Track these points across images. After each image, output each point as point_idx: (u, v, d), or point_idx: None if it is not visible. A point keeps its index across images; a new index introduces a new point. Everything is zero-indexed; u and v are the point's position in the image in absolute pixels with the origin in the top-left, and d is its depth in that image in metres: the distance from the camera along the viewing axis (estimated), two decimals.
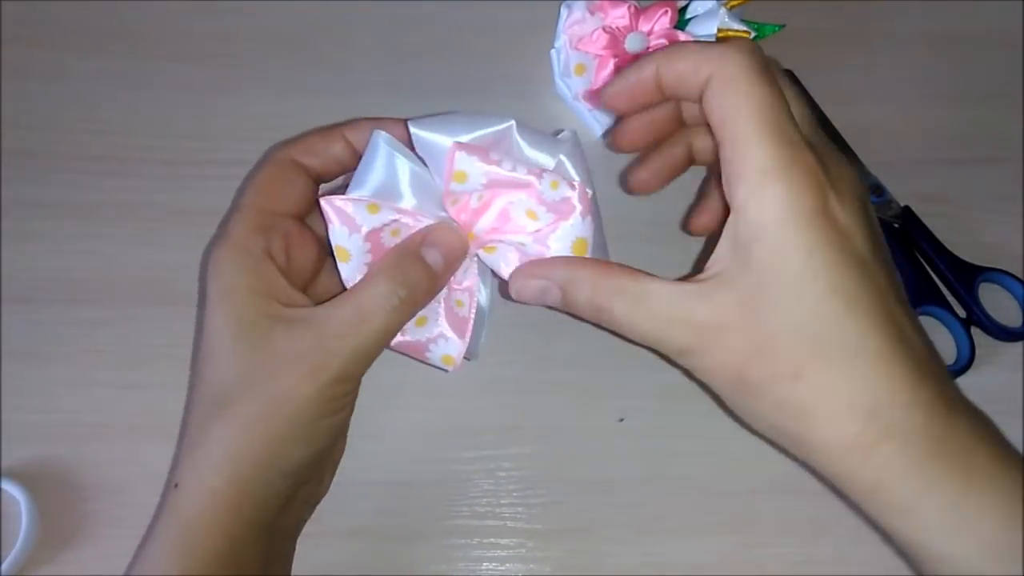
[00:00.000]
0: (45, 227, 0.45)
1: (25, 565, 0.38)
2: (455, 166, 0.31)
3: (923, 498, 0.27)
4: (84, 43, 0.50)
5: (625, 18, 0.44)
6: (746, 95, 0.27)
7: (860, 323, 0.27)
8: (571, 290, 0.31)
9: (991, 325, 0.43)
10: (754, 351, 0.27)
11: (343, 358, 0.30)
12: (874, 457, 0.27)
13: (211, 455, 0.31)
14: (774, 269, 0.26)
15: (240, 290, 0.31)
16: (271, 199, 0.33)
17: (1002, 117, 0.50)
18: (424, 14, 0.52)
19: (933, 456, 0.26)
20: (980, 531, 0.26)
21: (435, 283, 0.32)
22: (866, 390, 0.26)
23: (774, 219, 0.26)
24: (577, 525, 0.40)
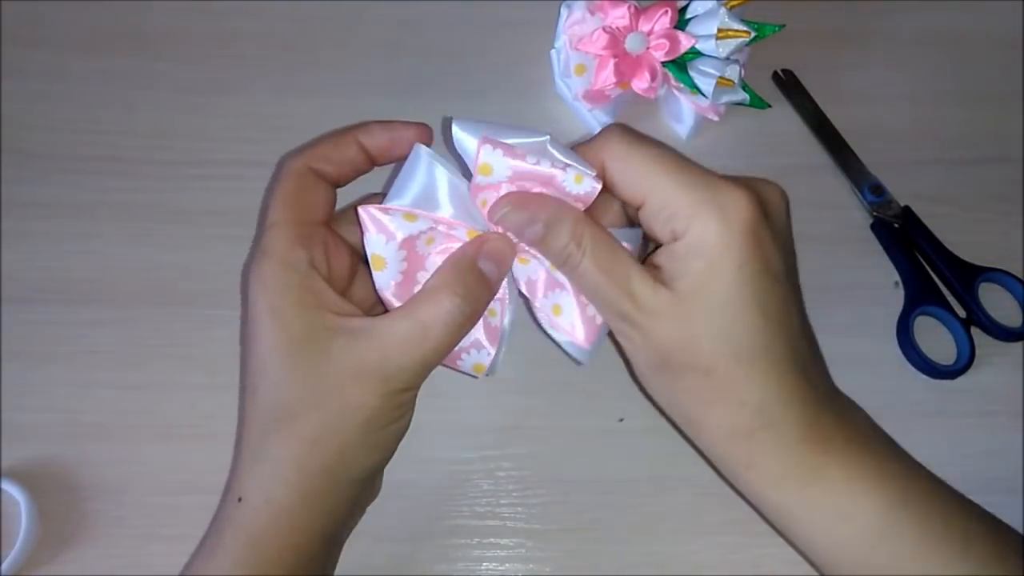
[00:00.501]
0: (45, 227, 0.45)
1: (25, 565, 0.38)
2: (480, 159, 0.32)
3: (787, 474, 0.31)
4: (84, 43, 0.50)
5: (625, 18, 0.44)
6: (644, 159, 0.31)
7: (769, 333, 0.31)
8: (553, 228, 0.32)
9: (991, 325, 0.43)
10: (680, 343, 0.31)
11: (409, 371, 0.31)
12: (752, 442, 0.31)
13: (278, 469, 0.31)
14: (709, 282, 0.30)
15: (290, 306, 0.31)
16: (301, 210, 0.33)
17: (1002, 117, 0.50)
18: (424, 14, 0.52)
19: (800, 441, 0.31)
20: (832, 499, 0.31)
21: (490, 292, 0.33)
22: (760, 389, 0.31)
23: (713, 240, 0.30)
24: (577, 525, 0.40)
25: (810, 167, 0.48)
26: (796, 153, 0.49)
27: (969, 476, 0.35)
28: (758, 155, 0.49)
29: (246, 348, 0.33)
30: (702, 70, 0.45)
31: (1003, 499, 0.40)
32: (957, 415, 0.42)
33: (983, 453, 0.42)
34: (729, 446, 0.32)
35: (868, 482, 0.31)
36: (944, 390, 0.43)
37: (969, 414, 0.42)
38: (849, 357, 0.43)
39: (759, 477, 0.32)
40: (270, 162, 0.47)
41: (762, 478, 0.32)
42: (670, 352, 0.31)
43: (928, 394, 0.43)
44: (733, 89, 0.46)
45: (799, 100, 0.49)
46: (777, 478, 0.32)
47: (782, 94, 0.50)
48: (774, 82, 0.50)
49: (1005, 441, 0.42)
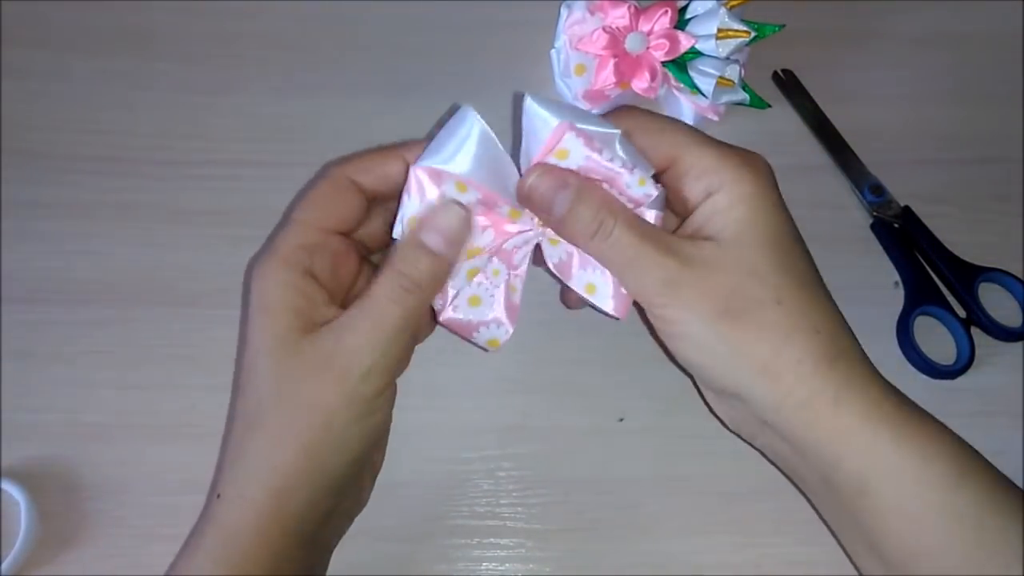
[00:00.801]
0: (45, 227, 0.45)
1: (25, 565, 0.38)
2: (562, 143, 0.31)
3: (872, 410, 0.31)
4: (84, 43, 0.50)
5: (625, 18, 0.44)
6: (665, 127, 0.34)
7: (813, 265, 0.33)
8: (583, 197, 0.32)
9: (991, 325, 0.43)
10: (741, 283, 0.31)
11: (364, 356, 0.31)
12: (834, 372, 0.31)
13: (251, 467, 0.32)
14: (754, 222, 0.32)
15: (278, 305, 0.32)
16: (323, 216, 0.34)
17: (1002, 117, 0.50)
18: (424, 14, 0.52)
19: (873, 375, 0.32)
20: (917, 437, 0.31)
21: (442, 265, 0.33)
22: (829, 314, 0.32)
23: (752, 188, 0.32)
24: (577, 525, 0.40)
25: (810, 167, 0.48)
26: (796, 153, 0.49)
27: None
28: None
29: (241, 343, 0.33)
30: (702, 70, 0.45)
31: None
32: (957, 415, 0.42)
33: (983, 453, 0.41)
34: (814, 380, 0.31)
35: (939, 425, 0.32)
36: (944, 390, 0.43)
37: (969, 414, 0.42)
38: None
39: (847, 414, 0.31)
40: (270, 162, 0.47)
41: (851, 415, 0.31)
42: (734, 294, 0.31)
43: (928, 394, 0.42)
44: (733, 89, 0.46)
45: (799, 100, 0.49)
46: (867, 413, 0.31)
47: (782, 94, 0.50)
48: (774, 82, 0.50)
49: (1005, 441, 0.42)
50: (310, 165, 0.47)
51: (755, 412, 0.33)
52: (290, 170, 0.47)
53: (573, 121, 0.31)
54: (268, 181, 0.46)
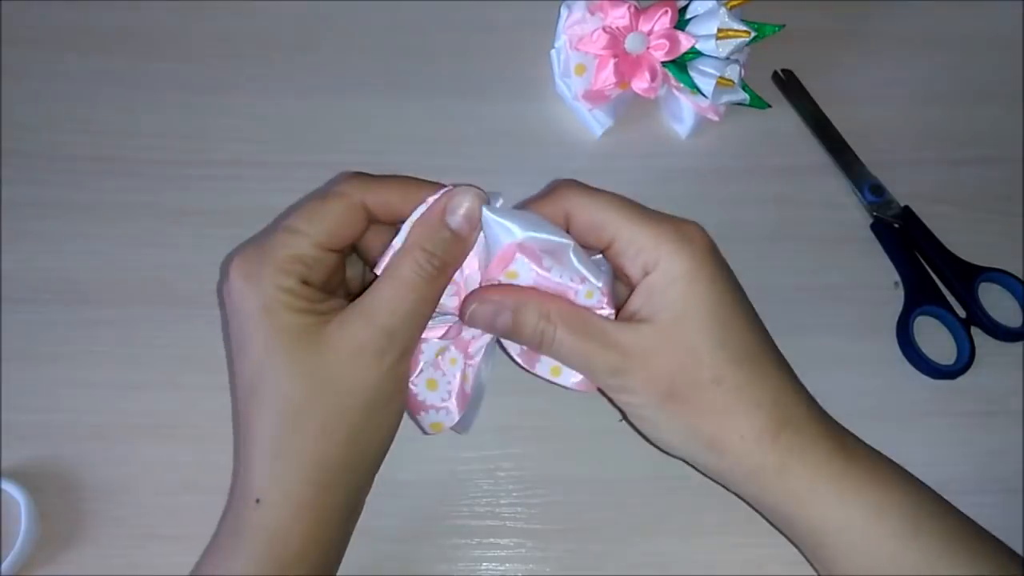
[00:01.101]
0: (45, 227, 0.45)
1: (25, 565, 0.38)
2: (512, 266, 0.33)
3: (818, 472, 0.32)
4: (84, 43, 0.50)
5: (625, 18, 0.44)
6: (604, 207, 0.33)
7: (757, 337, 0.33)
8: (521, 313, 0.33)
9: (991, 325, 0.43)
10: (680, 366, 0.32)
11: (399, 334, 0.32)
12: (778, 443, 0.32)
13: (295, 468, 0.31)
14: (690, 301, 0.32)
15: (281, 306, 0.32)
16: (327, 235, 0.33)
17: (1002, 117, 0.50)
18: (424, 14, 0.52)
19: (822, 438, 0.33)
20: (865, 495, 0.32)
21: (464, 244, 0.34)
22: (770, 387, 0.33)
23: (685, 268, 0.32)
24: (577, 525, 0.40)
25: (810, 167, 0.48)
26: (796, 153, 0.49)
27: (969, 476, 0.35)
28: (758, 155, 0.49)
29: (236, 345, 0.32)
30: (702, 70, 0.45)
31: (1003, 499, 0.40)
32: (957, 415, 0.42)
33: (983, 453, 0.41)
34: (757, 454, 0.32)
35: (893, 476, 0.33)
36: (944, 390, 0.43)
37: (969, 414, 0.42)
38: (849, 357, 0.43)
39: (794, 479, 0.32)
40: (270, 162, 0.47)
41: (797, 480, 0.32)
42: (674, 378, 0.32)
43: (928, 394, 0.43)
44: (733, 89, 0.46)
45: (799, 100, 0.49)
46: (811, 478, 0.32)
47: (782, 94, 0.50)
48: (774, 82, 0.50)
49: (1005, 441, 0.42)
50: (310, 165, 0.47)
51: (713, 474, 0.35)
52: (290, 170, 0.47)
53: (527, 230, 0.32)
54: (268, 181, 0.46)
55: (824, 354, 0.43)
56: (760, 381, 0.33)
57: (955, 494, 0.39)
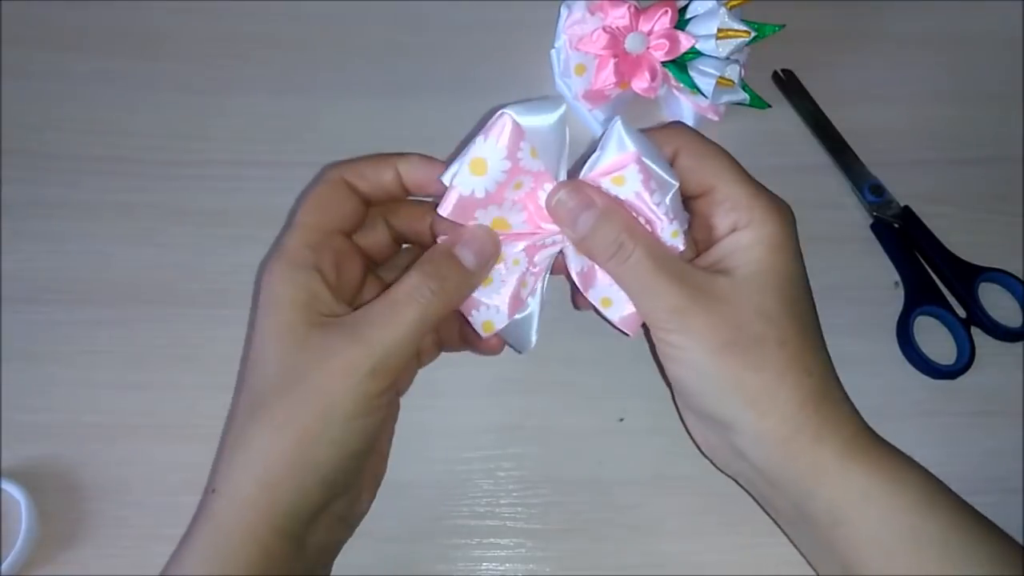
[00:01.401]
0: (45, 227, 0.45)
1: (25, 565, 0.38)
2: (624, 171, 0.33)
3: (848, 446, 0.33)
4: (84, 43, 0.50)
5: (625, 18, 0.44)
6: (714, 155, 0.35)
7: (816, 315, 0.35)
8: (606, 219, 0.33)
9: (991, 325, 0.43)
10: (749, 319, 0.32)
11: (376, 350, 0.31)
12: (819, 412, 0.33)
13: (247, 460, 0.32)
14: (771, 265, 0.33)
15: (285, 300, 0.33)
16: (323, 217, 0.35)
17: (1002, 117, 0.50)
18: (424, 14, 0.52)
19: (852, 415, 0.34)
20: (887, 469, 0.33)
21: (468, 280, 0.34)
22: (821, 360, 0.34)
23: (776, 231, 0.34)
24: (577, 525, 0.40)
25: (810, 167, 0.48)
26: (796, 153, 0.49)
27: (969, 476, 0.35)
28: (758, 155, 0.48)
29: (247, 343, 0.34)
30: (702, 70, 0.45)
31: (1003, 499, 0.40)
32: (957, 415, 0.42)
33: (983, 453, 0.41)
34: (799, 417, 0.32)
35: (908, 459, 0.33)
36: (944, 390, 0.43)
37: (969, 414, 0.42)
38: (849, 357, 0.43)
39: (827, 448, 0.32)
40: (270, 162, 0.47)
41: (830, 449, 0.32)
42: (740, 329, 0.32)
43: (928, 394, 0.43)
44: (733, 89, 0.46)
45: (799, 100, 0.49)
46: (842, 449, 0.32)
47: (782, 94, 0.50)
48: (774, 82, 0.50)
49: (1005, 441, 0.42)
50: (310, 165, 0.47)
51: (735, 442, 0.34)
52: (290, 170, 0.47)
53: (646, 155, 0.33)
54: (268, 181, 0.46)
55: None
56: (816, 353, 0.34)
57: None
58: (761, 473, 0.34)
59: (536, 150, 0.33)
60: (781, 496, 0.34)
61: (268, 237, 0.45)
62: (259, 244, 0.45)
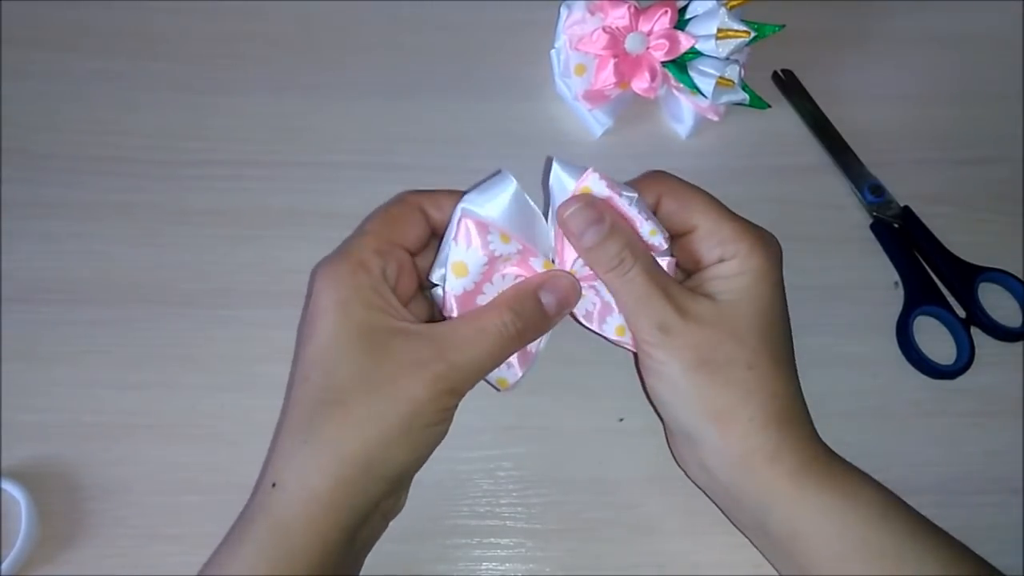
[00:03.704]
0: (45, 227, 0.45)
1: (25, 565, 0.38)
2: (586, 181, 0.35)
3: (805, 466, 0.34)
4: (84, 43, 0.50)
5: (625, 18, 0.44)
6: (694, 196, 0.37)
7: (790, 345, 0.37)
8: (613, 234, 0.35)
9: (991, 325, 0.43)
10: (724, 342, 0.34)
11: (460, 370, 0.33)
12: (780, 432, 0.34)
13: (319, 455, 0.32)
14: (752, 294, 0.35)
15: (357, 301, 0.33)
16: (394, 232, 0.36)
17: (1002, 117, 0.50)
18: (424, 14, 0.52)
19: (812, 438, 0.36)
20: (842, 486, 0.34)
21: (547, 323, 0.36)
22: (789, 385, 0.35)
23: (761, 264, 0.35)
24: (577, 525, 0.40)
25: (810, 167, 0.48)
26: (796, 153, 0.49)
27: (969, 476, 0.35)
28: (758, 155, 0.49)
29: (303, 338, 0.34)
30: (702, 70, 0.45)
31: (1003, 499, 0.40)
32: (957, 415, 0.42)
33: (983, 453, 0.41)
34: (759, 437, 0.34)
35: (865, 478, 0.35)
36: (944, 390, 0.43)
37: (969, 414, 0.42)
38: (849, 357, 0.43)
39: (782, 468, 0.34)
40: (270, 162, 0.47)
41: (785, 468, 0.34)
42: (715, 350, 0.34)
43: (928, 394, 0.43)
44: (733, 89, 0.46)
45: (799, 100, 0.49)
46: (797, 469, 0.34)
47: (782, 94, 0.50)
48: (774, 82, 0.50)
49: (1005, 441, 0.42)
50: (310, 165, 0.47)
51: (701, 455, 0.36)
52: (290, 170, 0.47)
53: (598, 170, 0.35)
54: (268, 181, 0.46)
55: (824, 354, 0.43)
56: (784, 378, 0.35)
57: (955, 494, 0.39)
58: (722, 487, 0.36)
59: (506, 234, 0.35)
60: (741, 509, 0.36)
61: (268, 236, 0.45)
62: (259, 244, 0.45)
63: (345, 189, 0.46)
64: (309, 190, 0.46)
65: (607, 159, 0.48)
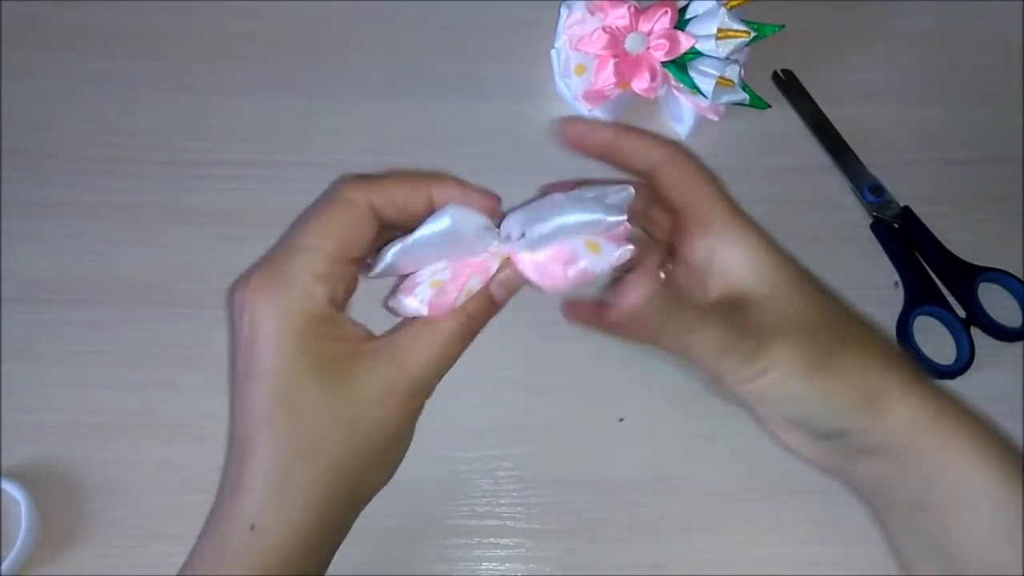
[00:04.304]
0: (45, 227, 0.45)
1: (25, 565, 0.38)
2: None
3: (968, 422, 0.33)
4: (84, 43, 0.50)
5: (625, 18, 0.44)
6: (698, 173, 0.35)
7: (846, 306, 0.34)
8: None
9: (991, 325, 0.43)
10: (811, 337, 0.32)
11: (425, 381, 0.32)
12: (927, 393, 0.32)
13: (301, 499, 0.31)
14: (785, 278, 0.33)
15: (309, 334, 0.31)
16: (341, 245, 0.32)
17: (1002, 117, 0.50)
18: (424, 14, 0.52)
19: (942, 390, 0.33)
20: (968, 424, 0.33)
21: (496, 308, 0.34)
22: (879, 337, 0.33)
23: (763, 249, 0.34)
24: (577, 525, 0.40)
25: (810, 167, 0.48)
26: (796, 153, 0.49)
27: None
28: (758, 155, 0.49)
29: (250, 373, 0.31)
30: (702, 70, 0.45)
31: None
32: None
33: None
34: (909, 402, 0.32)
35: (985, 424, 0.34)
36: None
37: None
38: None
39: (945, 428, 0.33)
40: (270, 162, 0.47)
41: (949, 428, 0.33)
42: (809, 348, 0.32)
43: None
44: (733, 89, 0.46)
45: (799, 100, 0.49)
46: (962, 430, 0.33)
47: (782, 94, 0.50)
48: (774, 82, 0.50)
49: None
50: (310, 165, 0.47)
51: (856, 444, 0.33)
52: (290, 170, 0.47)
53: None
54: (268, 181, 0.46)
55: None
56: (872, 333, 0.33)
57: None
58: (889, 460, 0.32)
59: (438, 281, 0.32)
60: (903, 486, 0.33)
61: (268, 236, 0.45)
62: (259, 244, 0.45)
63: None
64: (309, 190, 0.46)
65: None
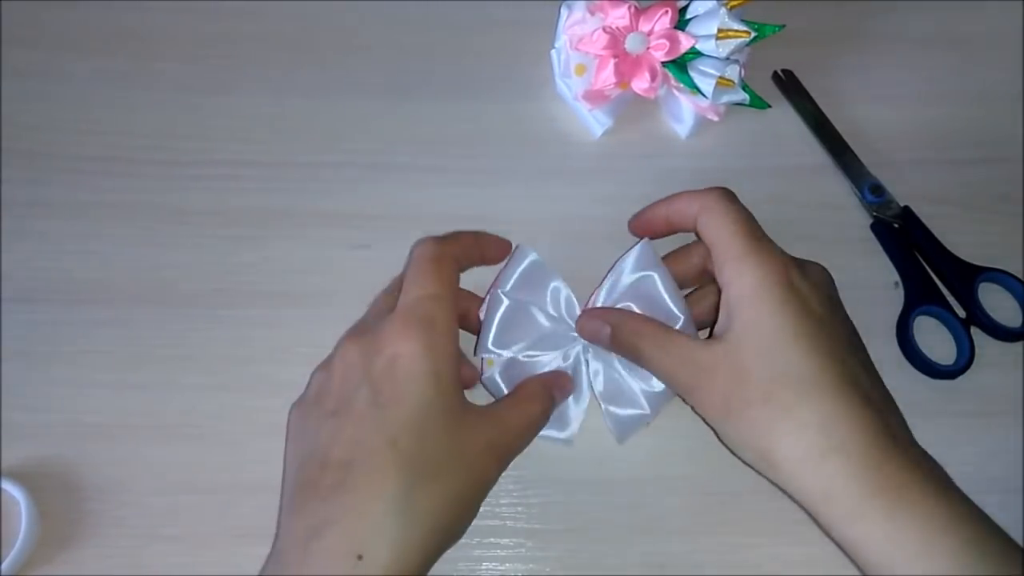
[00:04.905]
0: (45, 227, 0.45)
1: (25, 565, 0.38)
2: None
3: (863, 504, 0.32)
4: (83, 43, 0.50)
5: (625, 18, 0.44)
6: (723, 214, 0.37)
7: (817, 363, 0.34)
8: (618, 331, 0.38)
9: (991, 325, 0.43)
10: (736, 384, 0.34)
11: (515, 450, 0.37)
12: (823, 467, 0.32)
13: (415, 530, 0.32)
14: (753, 324, 0.35)
15: (448, 376, 0.34)
16: (454, 294, 0.37)
17: (1002, 117, 0.50)
18: (424, 14, 0.52)
19: (873, 468, 0.32)
20: (914, 533, 0.31)
21: (552, 409, 0.39)
22: (816, 409, 0.33)
23: (751, 288, 0.35)
24: (577, 525, 0.40)
25: (810, 167, 0.48)
26: (796, 153, 0.49)
27: (969, 476, 0.35)
28: (758, 155, 0.49)
29: (388, 396, 0.33)
30: (702, 70, 0.45)
31: (1003, 499, 0.40)
32: (957, 415, 0.42)
33: (983, 453, 0.41)
34: (804, 476, 0.33)
35: (948, 519, 0.32)
36: (944, 390, 0.43)
37: (969, 414, 0.42)
38: None
39: (837, 509, 0.32)
40: (270, 162, 0.47)
41: (841, 509, 0.32)
42: (730, 394, 0.34)
43: (928, 394, 0.43)
44: (733, 89, 0.46)
45: (799, 100, 0.49)
46: (854, 508, 0.32)
47: (782, 94, 0.50)
48: (774, 82, 0.50)
49: (1005, 441, 0.42)
50: (310, 165, 0.47)
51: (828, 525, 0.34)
52: (290, 170, 0.47)
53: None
54: (268, 181, 0.46)
55: None
56: (811, 404, 0.33)
57: None
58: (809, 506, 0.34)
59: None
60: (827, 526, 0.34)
61: (269, 237, 0.45)
62: (259, 244, 0.45)
63: (345, 189, 0.46)
64: (309, 190, 0.46)
65: (607, 159, 0.48)
